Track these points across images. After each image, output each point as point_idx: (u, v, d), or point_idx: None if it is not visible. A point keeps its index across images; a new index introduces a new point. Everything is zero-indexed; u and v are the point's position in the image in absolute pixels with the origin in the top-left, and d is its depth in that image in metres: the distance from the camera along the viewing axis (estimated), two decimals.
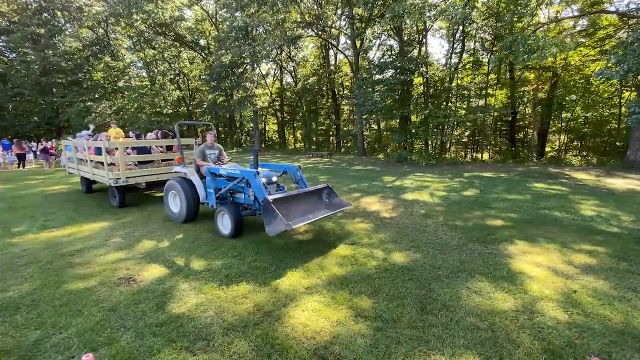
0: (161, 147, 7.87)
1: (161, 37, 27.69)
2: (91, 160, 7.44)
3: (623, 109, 18.77)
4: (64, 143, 9.25)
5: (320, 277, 3.63)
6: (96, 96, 27.79)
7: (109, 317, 2.91)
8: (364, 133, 22.28)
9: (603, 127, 21.75)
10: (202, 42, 30.28)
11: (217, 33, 27.31)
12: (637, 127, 12.03)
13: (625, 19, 15.27)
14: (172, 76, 30.18)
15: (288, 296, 3.23)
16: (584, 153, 21.60)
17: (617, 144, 20.32)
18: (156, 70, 29.56)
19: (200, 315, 2.91)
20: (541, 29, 15.81)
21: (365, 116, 20.21)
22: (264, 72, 31.09)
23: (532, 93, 21.83)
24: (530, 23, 15.73)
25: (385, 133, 27.40)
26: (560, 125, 24.22)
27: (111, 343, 2.55)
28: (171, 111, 29.16)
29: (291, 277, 3.65)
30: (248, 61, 24.68)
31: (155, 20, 25.61)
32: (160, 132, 8.64)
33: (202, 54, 30.24)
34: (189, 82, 32.26)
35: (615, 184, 9.56)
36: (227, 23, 23.99)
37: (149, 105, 27.55)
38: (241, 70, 26.83)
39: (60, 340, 2.60)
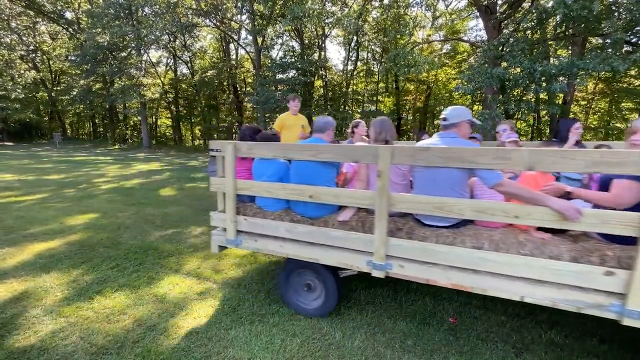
0: None
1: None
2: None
3: None
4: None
5: (216, 281, 3.42)
6: None
7: None
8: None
9: None
10: (69, 15, 25.00)
11: (89, 7, 22.95)
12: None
13: (474, 47, 19.28)
14: (23, 52, 23.98)
15: (177, 305, 2.92)
16: None
17: None
18: None
19: (58, 344, 2.37)
20: (417, 47, 18.59)
21: (268, 114, 20.10)
22: (154, 60, 27.63)
23: (412, 102, 25.53)
24: (409, 41, 18.31)
25: None
26: (433, 130, 29.01)
27: None
28: (23, 96, 23.16)
29: (181, 284, 3.33)
30: (133, 45, 21.53)
31: None
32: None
33: (70, 29, 24.97)
34: (51, 62, 26.24)
35: None
36: None
37: None
38: (124, 54, 23.23)
39: None
